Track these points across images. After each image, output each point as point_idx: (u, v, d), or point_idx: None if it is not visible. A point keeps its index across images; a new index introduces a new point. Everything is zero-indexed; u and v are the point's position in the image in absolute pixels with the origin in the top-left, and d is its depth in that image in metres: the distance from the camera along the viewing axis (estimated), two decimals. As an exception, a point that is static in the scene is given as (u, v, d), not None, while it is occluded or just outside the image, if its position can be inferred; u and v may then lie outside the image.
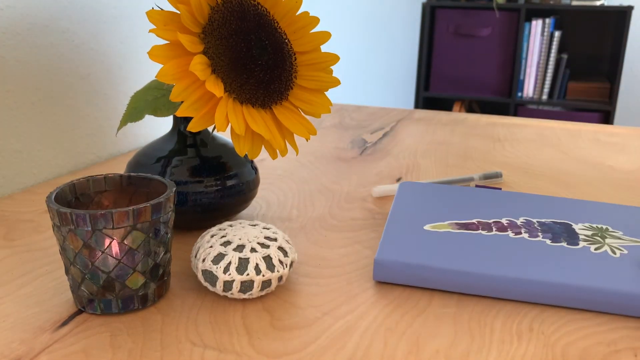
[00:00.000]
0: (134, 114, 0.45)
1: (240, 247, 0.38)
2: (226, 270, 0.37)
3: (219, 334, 0.34)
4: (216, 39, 0.40)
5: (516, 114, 2.82)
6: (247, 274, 0.37)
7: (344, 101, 1.76)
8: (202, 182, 0.46)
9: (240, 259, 0.37)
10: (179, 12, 0.38)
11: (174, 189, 0.37)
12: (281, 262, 0.38)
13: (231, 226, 0.41)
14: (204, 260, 0.38)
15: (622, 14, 2.59)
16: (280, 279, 0.38)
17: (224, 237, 0.39)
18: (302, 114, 0.45)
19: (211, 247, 0.38)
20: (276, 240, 0.40)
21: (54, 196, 0.36)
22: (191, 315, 0.37)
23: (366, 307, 0.38)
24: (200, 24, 0.40)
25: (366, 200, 0.58)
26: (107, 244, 0.34)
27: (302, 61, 0.45)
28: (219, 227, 0.41)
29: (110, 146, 0.72)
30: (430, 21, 2.82)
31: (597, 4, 2.61)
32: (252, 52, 0.41)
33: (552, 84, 2.79)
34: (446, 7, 2.79)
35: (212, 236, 0.39)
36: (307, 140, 0.55)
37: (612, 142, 0.83)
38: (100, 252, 0.34)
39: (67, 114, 0.64)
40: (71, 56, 0.64)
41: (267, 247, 0.38)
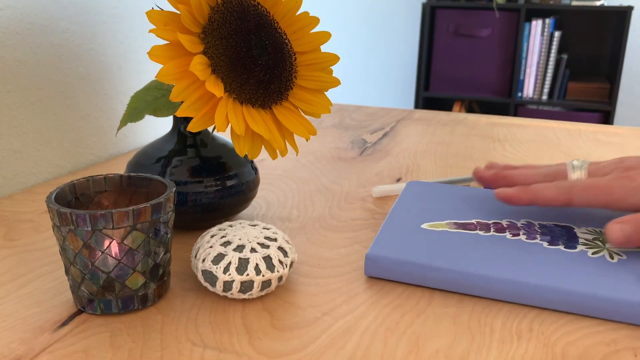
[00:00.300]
0: (134, 114, 0.45)
1: (240, 247, 0.38)
2: (226, 270, 0.37)
3: (219, 334, 0.34)
4: (216, 39, 0.40)
5: (516, 114, 2.82)
6: (247, 274, 0.37)
7: (344, 101, 1.76)
8: (202, 182, 0.46)
9: (240, 259, 0.37)
10: (179, 12, 0.38)
11: (174, 189, 0.37)
12: (281, 262, 0.38)
13: (231, 226, 0.41)
14: (203, 260, 0.38)
15: (622, 14, 2.59)
16: (280, 279, 0.38)
17: (224, 237, 0.39)
18: (302, 114, 0.45)
19: (211, 247, 0.38)
20: (276, 240, 0.40)
21: (54, 196, 0.36)
22: (191, 315, 0.37)
23: (366, 307, 0.38)
24: (200, 24, 0.40)
25: (366, 200, 0.58)
26: (107, 244, 0.34)
27: (302, 61, 0.45)
28: (219, 227, 0.41)
29: (110, 146, 0.72)
30: (430, 21, 2.82)
31: (597, 4, 2.61)
32: (252, 52, 0.41)
33: (552, 84, 2.79)
34: (446, 7, 2.79)
35: (212, 236, 0.39)
36: (307, 140, 0.55)
37: (612, 142, 0.83)
38: (100, 252, 0.34)
39: (67, 114, 0.64)
40: (71, 56, 0.64)
41: (267, 247, 0.38)
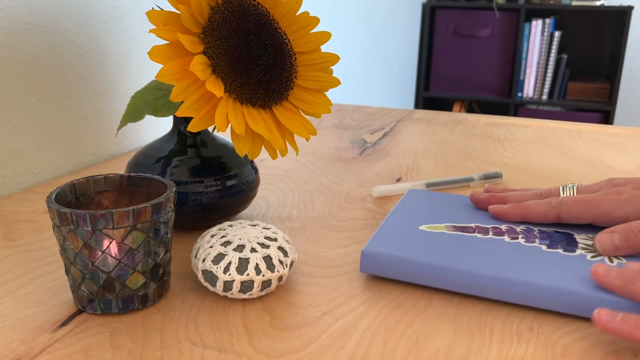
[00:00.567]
0: (134, 114, 0.45)
1: (240, 247, 0.38)
2: (226, 270, 0.37)
3: (219, 334, 0.34)
4: (216, 39, 0.40)
5: (516, 114, 2.82)
6: (247, 274, 0.37)
7: (344, 101, 1.76)
8: (202, 182, 0.46)
9: (240, 259, 0.37)
10: (179, 12, 0.38)
11: (174, 189, 0.37)
12: (281, 262, 0.38)
13: (231, 226, 0.41)
14: (204, 260, 0.38)
15: (622, 14, 2.59)
16: (280, 279, 0.38)
17: (224, 237, 0.39)
18: (302, 114, 0.45)
19: (211, 247, 0.38)
20: (276, 240, 0.40)
21: (54, 196, 0.36)
22: (191, 315, 0.37)
23: (366, 307, 0.38)
24: (200, 24, 0.40)
25: (366, 200, 0.58)
26: (107, 244, 0.34)
27: (302, 61, 0.45)
28: (219, 227, 0.41)
29: (110, 146, 0.72)
30: (430, 21, 2.82)
31: (597, 4, 2.61)
32: (252, 52, 0.41)
33: (552, 84, 2.79)
34: (446, 7, 2.78)
35: (212, 236, 0.39)
36: (307, 140, 0.55)
37: (612, 142, 0.83)
38: (100, 252, 0.34)
39: (67, 114, 0.64)
40: (71, 56, 0.64)
41: (267, 247, 0.38)
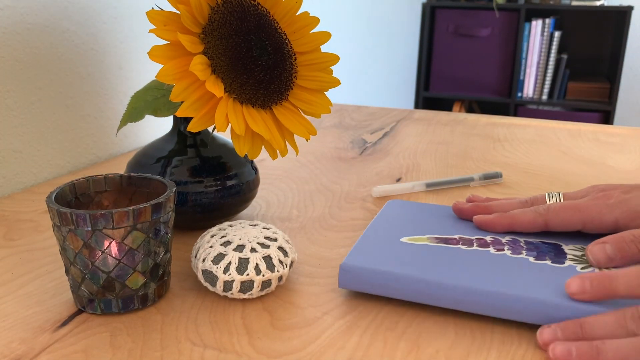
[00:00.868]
0: (134, 114, 0.45)
1: (240, 247, 0.38)
2: (226, 270, 0.37)
3: (219, 334, 0.34)
4: (216, 39, 0.40)
5: (516, 114, 2.82)
6: (247, 274, 0.37)
7: (344, 101, 1.76)
8: (202, 182, 0.46)
9: (240, 259, 0.37)
10: (179, 12, 0.38)
11: (174, 189, 0.37)
12: (281, 262, 0.38)
13: (231, 226, 0.41)
14: (204, 260, 0.38)
15: (622, 14, 2.59)
16: (280, 279, 0.38)
17: (224, 237, 0.39)
18: (302, 114, 0.45)
19: (211, 247, 0.38)
20: (276, 240, 0.40)
21: (54, 196, 0.36)
22: (191, 315, 0.37)
23: (366, 307, 0.38)
24: (200, 24, 0.40)
25: (366, 200, 0.58)
26: (107, 244, 0.34)
27: (302, 61, 0.45)
28: (219, 227, 0.41)
29: (110, 146, 0.72)
30: (430, 21, 2.82)
31: (597, 4, 2.61)
32: (252, 52, 0.41)
33: (552, 84, 2.79)
34: (446, 7, 2.78)
35: (212, 236, 0.39)
36: (307, 140, 0.55)
37: (612, 142, 0.83)
38: (100, 252, 0.34)
39: (67, 114, 0.64)
40: (71, 56, 0.64)
41: (267, 247, 0.38)
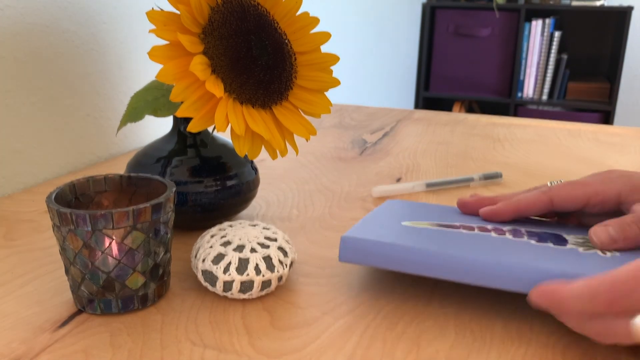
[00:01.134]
0: (134, 114, 0.45)
1: (240, 247, 0.38)
2: (226, 270, 0.37)
3: (219, 334, 0.34)
4: (216, 39, 0.40)
5: (516, 114, 2.82)
6: (247, 274, 0.37)
7: (344, 101, 1.76)
8: (202, 182, 0.46)
9: (240, 259, 0.37)
10: (179, 12, 0.38)
11: (174, 189, 0.37)
12: (281, 262, 0.38)
13: (231, 226, 0.41)
14: (204, 260, 0.38)
15: (622, 14, 2.59)
16: (280, 279, 0.38)
17: (224, 237, 0.39)
18: (302, 114, 0.45)
19: (211, 247, 0.38)
20: (276, 240, 0.40)
21: (54, 196, 0.36)
22: (191, 315, 0.37)
23: (366, 307, 0.38)
24: (200, 24, 0.40)
25: (366, 200, 0.58)
26: (107, 244, 0.34)
27: (302, 61, 0.45)
28: (219, 227, 0.41)
29: (110, 146, 0.72)
30: (430, 21, 2.82)
31: (597, 4, 2.61)
32: (252, 53, 0.41)
33: (552, 84, 2.79)
34: (446, 7, 2.78)
35: (212, 236, 0.39)
36: (307, 140, 0.55)
37: (612, 142, 0.83)
38: (100, 252, 0.34)
39: (67, 114, 0.64)
40: (71, 56, 0.64)
41: (267, 247, 0.38)
